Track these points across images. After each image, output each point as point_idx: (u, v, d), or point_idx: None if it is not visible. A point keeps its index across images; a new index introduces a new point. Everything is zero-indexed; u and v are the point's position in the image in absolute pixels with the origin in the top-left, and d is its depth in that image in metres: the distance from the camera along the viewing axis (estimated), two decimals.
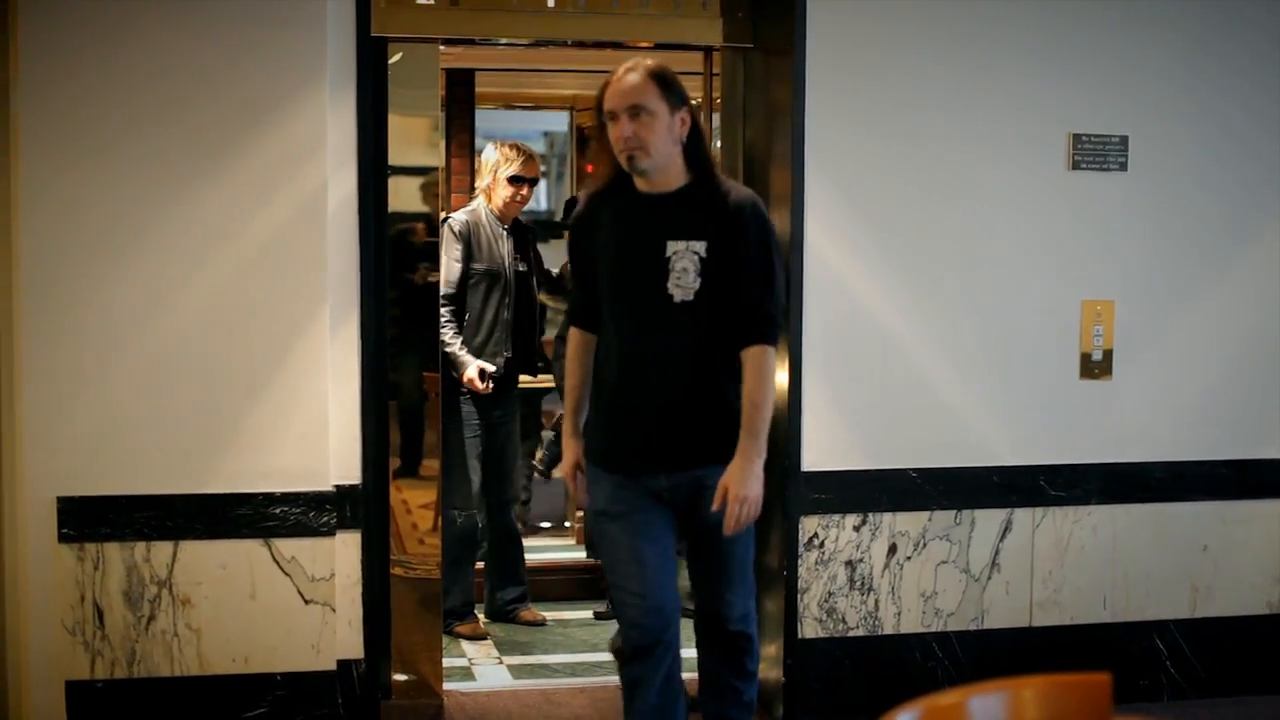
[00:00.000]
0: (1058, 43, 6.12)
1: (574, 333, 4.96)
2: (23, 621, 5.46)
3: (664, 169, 4.65)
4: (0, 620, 5.52)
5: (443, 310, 6.83)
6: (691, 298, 4.60)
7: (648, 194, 4.70)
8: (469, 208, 7.35)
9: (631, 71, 4.65)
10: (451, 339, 7.03)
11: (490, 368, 7.05)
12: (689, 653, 4.89)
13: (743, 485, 4.56)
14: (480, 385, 7.01)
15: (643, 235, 4.68)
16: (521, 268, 7.30)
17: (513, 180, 7.24)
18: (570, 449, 4.91)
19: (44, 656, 5.42)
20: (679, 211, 4.66)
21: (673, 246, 4.62)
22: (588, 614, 7.65)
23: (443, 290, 6.83)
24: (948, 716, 2.90)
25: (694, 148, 4.70)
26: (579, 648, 7.06)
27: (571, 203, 8.86)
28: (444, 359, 6.82)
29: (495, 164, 7.28)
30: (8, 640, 5.53)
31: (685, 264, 4.60)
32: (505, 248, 7.23)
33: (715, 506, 4.58)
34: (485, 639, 7.15)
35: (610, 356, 4.78)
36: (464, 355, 7.05)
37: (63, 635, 5.41)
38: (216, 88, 5.43)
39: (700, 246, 4.60)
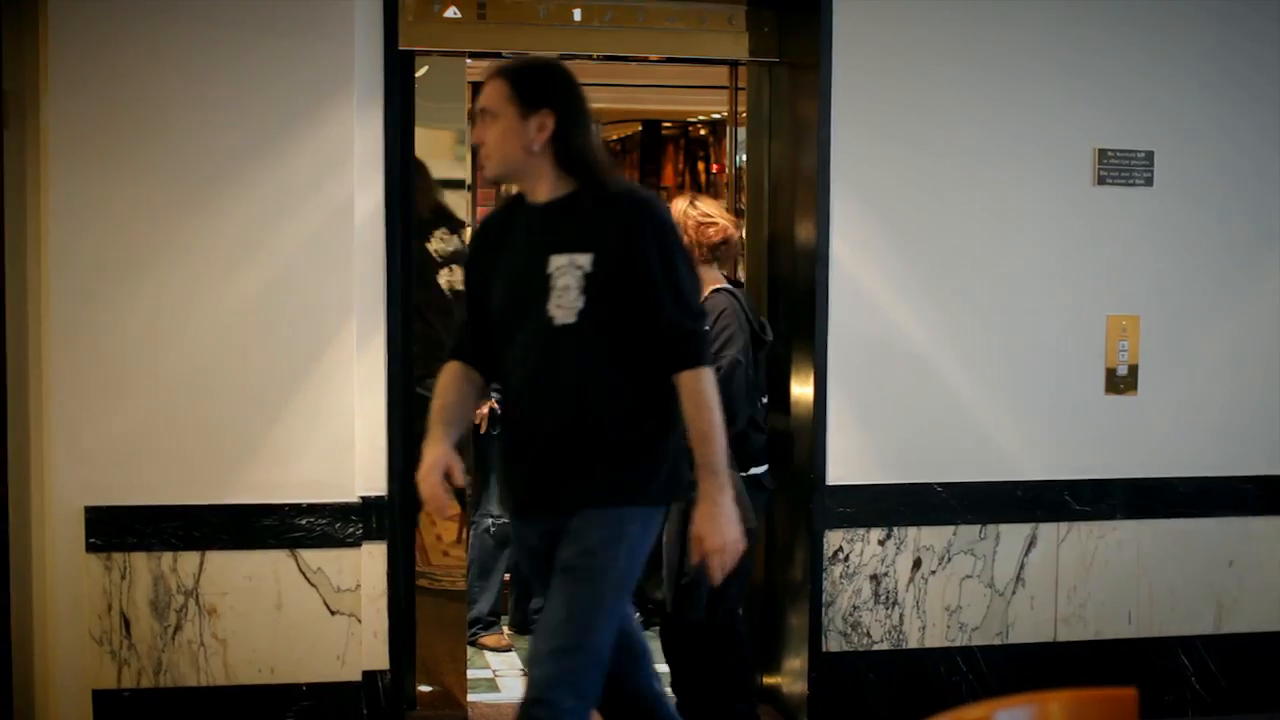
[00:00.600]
0: (1084, 58, 6.12)
1: (445, 367, 4.39)
2: (50, 630, 5.48)
3: (525, 177, 4.18)
4: (28, 629, 5.54)
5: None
6: (574, 319, 4.04)
7: (533, 206, 4.21)
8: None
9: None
10: None
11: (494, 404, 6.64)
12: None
13: (716, 533, 4.04)
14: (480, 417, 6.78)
15: (526, 251, 4.18)
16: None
17: None
18: (433, 450, 4.25)
19: (71, 665, 5.44)
20: (561, 223, 4.13)
21: (555, 262, 4.07)
22: None
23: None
24: None
25: (565, 153, 4.14)
26: None
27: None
28: None
29: None
30: (35, 649, 5.55)
31: (567, 281, 4.05)
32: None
33: (694, 560, 4.15)
34: (509, 650, 7.14)
35: (504, 391, 4.33)
36: None
37: (90, 644, 5.43)
38: (245, 100, 5.46)
39: (584, 260, 4.05)
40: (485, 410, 6.77)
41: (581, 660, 4.00)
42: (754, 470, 5.51)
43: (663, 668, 5.54)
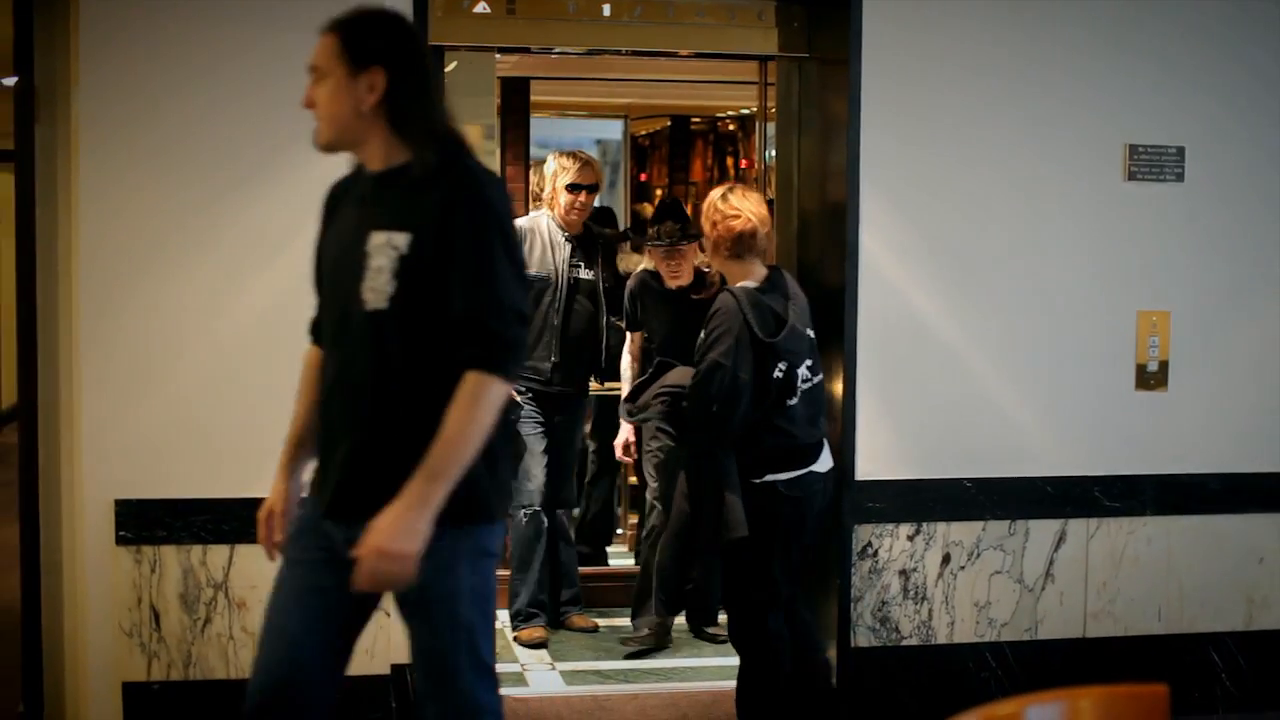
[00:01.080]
0: (1115, 54, 6.10)
1: (306, 356, 4.12)
2: (80, 623, 5.50)
3: (359, 144, 3.78)
4: (58, 622, 5.56)
5: None
6: (385, 305, 3.62)
7: (367, 176, 3.81)
8: (531, 216, 7.36)
9: None
10: None
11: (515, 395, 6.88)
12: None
13: (386, 535, 3.52)
14: None
15: (352, 226, 3.78)
16: (585, 275, 7.24)
17: (570, 188, 7.17)
18: (274, 487, 4.02)
19: (101, 658, 5.46)
20: (386, 196, 3.72)
21: (374, 240, 3.65)
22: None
23: None
24: None
25: (398, 117, 3.71)
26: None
27: None
28: None
29: (554, 173, 7.24)
30: (66, 642, 5.57)
31: (381, 262, 3.63)
32: (560, 255, 7.17)
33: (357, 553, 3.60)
34: (545, 646, 7.12)
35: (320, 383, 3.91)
36: None
37: (120, 637, 5.44)
38: (274, 94, 5.46)
39: (401, 240, 3.62)
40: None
41: (460, 704, 3.77)
42: (769, 476, 5.35)
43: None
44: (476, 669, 3.78)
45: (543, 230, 7.20)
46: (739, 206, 5.46)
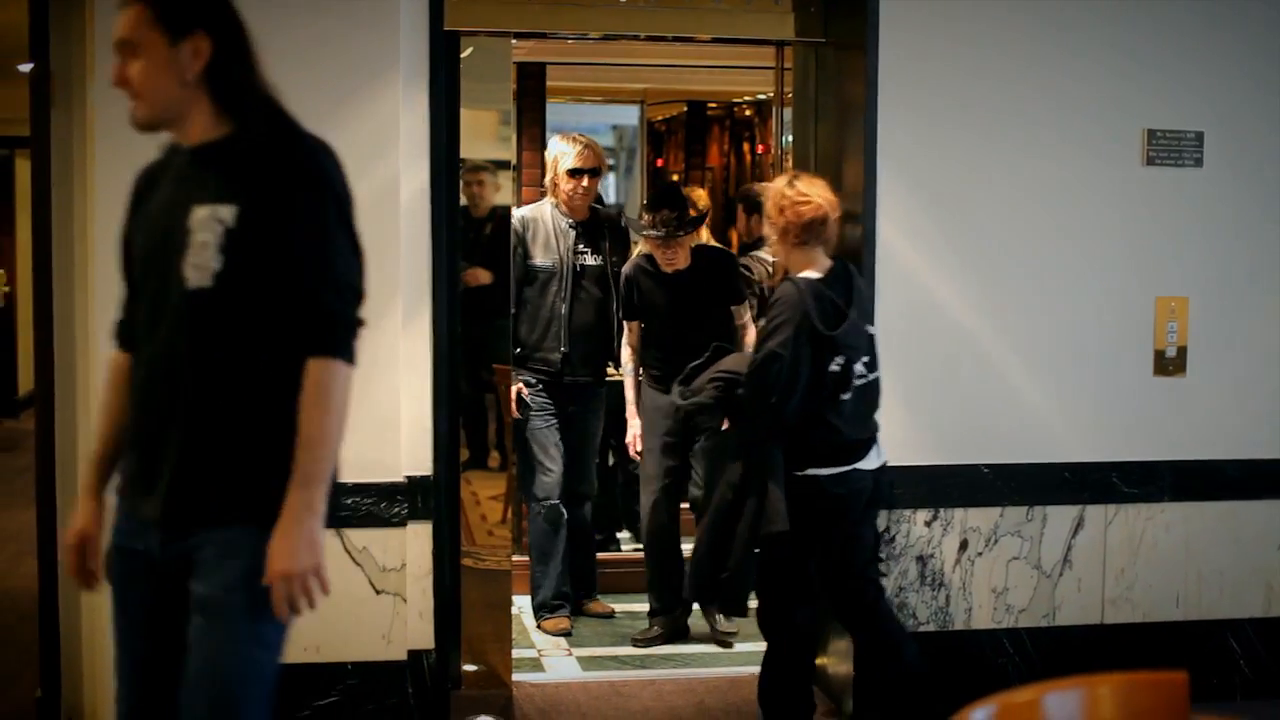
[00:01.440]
0: (1133, 38, 6.08)
1: (110, 358, 3.74)
2: (98, 609, 5.49)
3: (179, 118, 3.50)
4: (76, 607, 5.57)
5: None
6: (210, 283, 3.33)
7: (184, 151, 3.53)
8: (536, 204, 7.31)
9: None
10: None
11: (525, 390, 7.05)
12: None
13: (287, 556, 3.29)
14: (515, 408, 6.90)
15: (169, 203, 3.47)
16: (592, 261, 7.16)
17: (571, 173, 7.12)
18: (81, 511, 3.70)
19: None
20: (211, 169, 3.43)
21: (197, 214, 3.35)
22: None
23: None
24: (1024, 713, 2.88)
25: (223, 85, 3.48)
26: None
27: None
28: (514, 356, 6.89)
29: (554, 158, 7.20)
30: (82, 628, 5.57)
31: (206, 236, 3.34)
32: (566, 243, 7.11)
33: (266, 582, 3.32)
34: (569, 634, 7.11)
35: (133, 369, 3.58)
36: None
37: None
38: (290, 81, 5.39)
39: (228, 213, 3.34)
40: (515, 392, 6.89)
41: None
42: (811, 470, 5.28)
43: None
44: (263, 674, 3.48)
45: (546, 218, 7.15)
46: (808, 192, 5.36)
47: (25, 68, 5.52)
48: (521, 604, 7.20)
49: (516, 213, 7.05)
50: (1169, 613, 6.25)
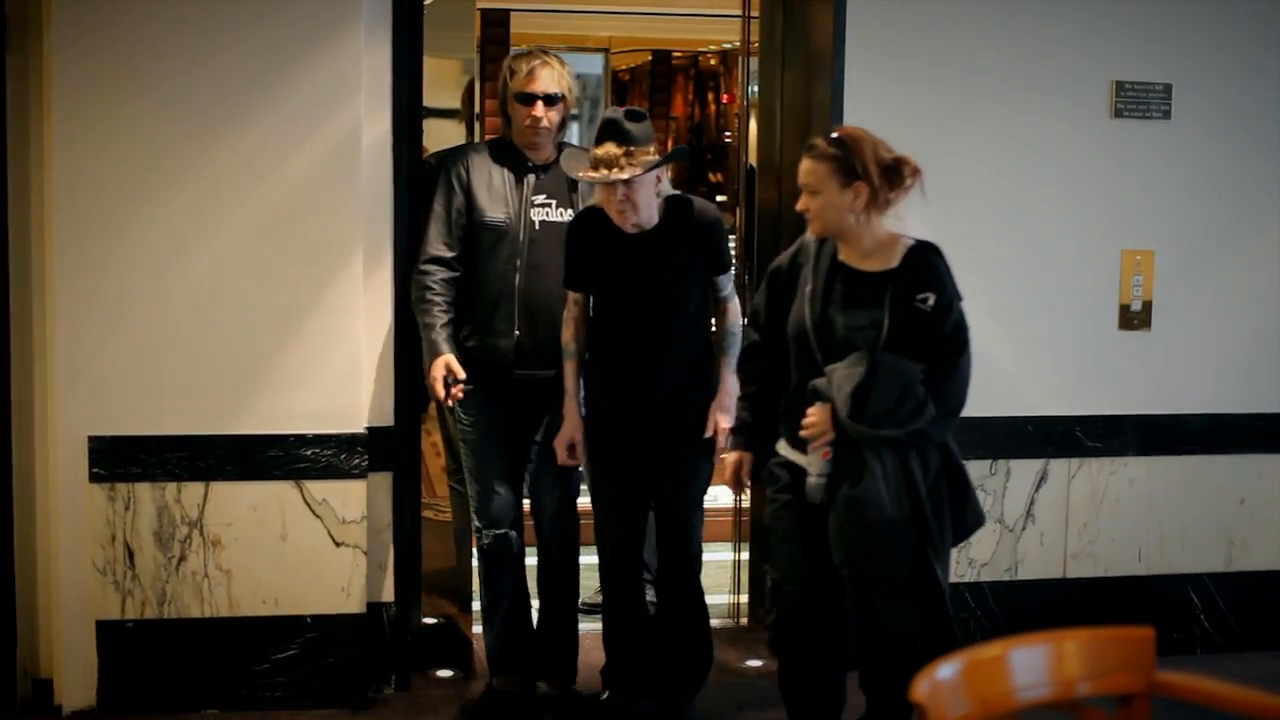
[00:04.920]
0: None
1: None
2: (53, 561, 5.46)
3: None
4: (31, 559, 5.52)
5: (425, 277, 5.44)
6: None
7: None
8: (476, 143, 6.03)
9: None
10: (435, 315, 5.43)
11: (460, 372, 5.40)
12: None
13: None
14: (439, 392, 5.38)
15: None
16: (556, 215, 5.49)
17: (521, 99, 5.51)
18: None
19: (74, 596, 5.42)
20: None
21: None
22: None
23: (429, 250, 5.46)
24: (990, 669, 2.87)
25: None
26: None
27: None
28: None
29: (503, 80, 5.60)
30: (39, 580, 5.53)
31: None
32: (520, 192, 5.50)
33: None
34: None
35: None
36: (438, 339, 5.40)
37: (93, 575, 5.40)
38: (251, 28, 5.39)
39: None
40: (440, 373, 5.36)
41: None
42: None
43: None
44: None
45: (491, 161, 5.54)
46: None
47: None
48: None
49: (441, 152, 5.74)
50: (1131, 567, 6.25)
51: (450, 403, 5.40)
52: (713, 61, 10.48)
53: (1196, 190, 6.20)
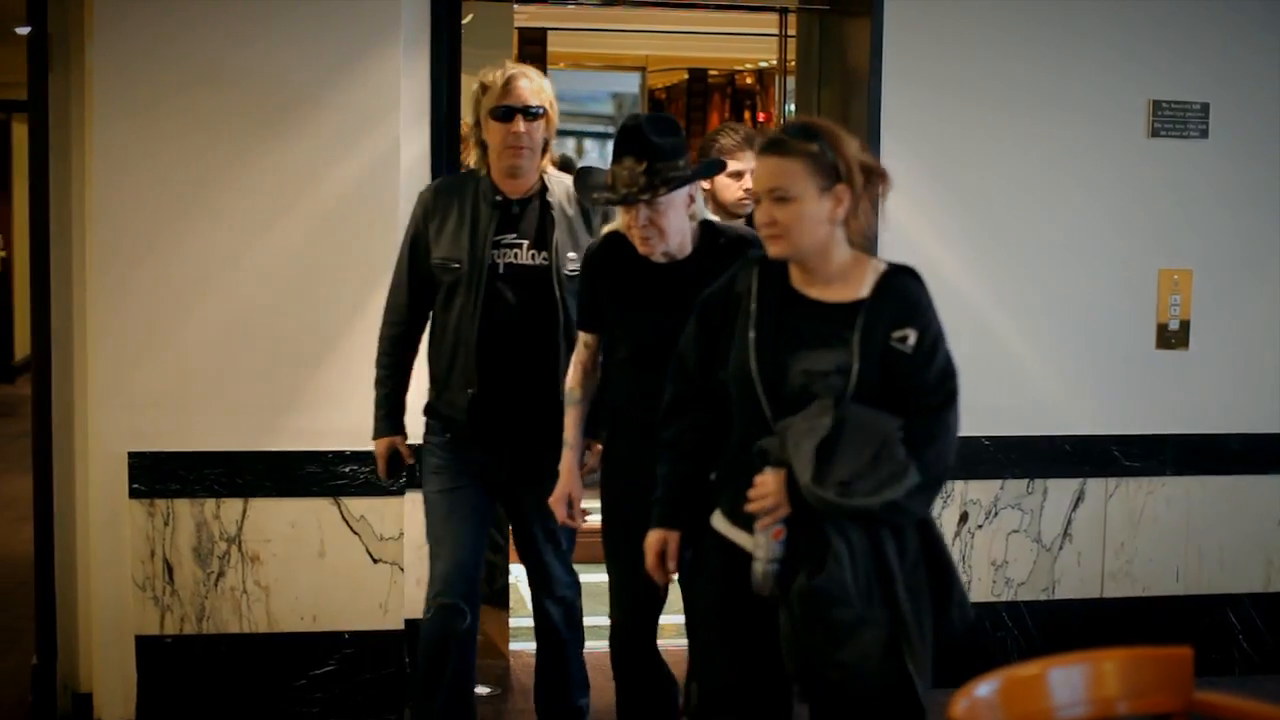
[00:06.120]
0: (1140, 8, 6.03)
1: None
2: (93, 576, 5.48)
3: None
4: (71, 574, 5.55)
5: (383, 325, 4.98)
6: None
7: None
8: (465, 173, 5.08)
9: None
10: (377, 385, 4.96)
11: (406, 457, 4.99)
12: None
13: None
14: (382, 472, 5.00)
15: None
16: (527, 259, 4.76)
17: (498, 114, 4.71)
18: None
19: (114, 611, 5.45)
20: None
21: None
22: None
23: (389, 297, 4.98)
24: (1028, 687, 2.87)
25: None
26: None
27: None
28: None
29: (475, 100, 4.81)
30: (79, 595, 5.56)
31: None
32: (480, 229, 4.76)
33: None
34: None
35: None
36: (378, 415, 4.95)
37: (133, 590, 5.43)
38: (291, 45, 5.42)
39: None
40: (380, 453, 4.97)
41: None
42: None
43: None
44: None
45: (461, 194, 4.85)
46: None
47: (23, 30, 5.48)
48: (518, 573, 7.16)
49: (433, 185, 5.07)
50: (1169, 587, 6.23)
51: (393, 484, 5.11)
52: (749, 80, 10.48)
53: (1235, 209, 6.18)
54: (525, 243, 4.76)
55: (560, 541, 4.95)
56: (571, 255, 4.75)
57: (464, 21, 5.80)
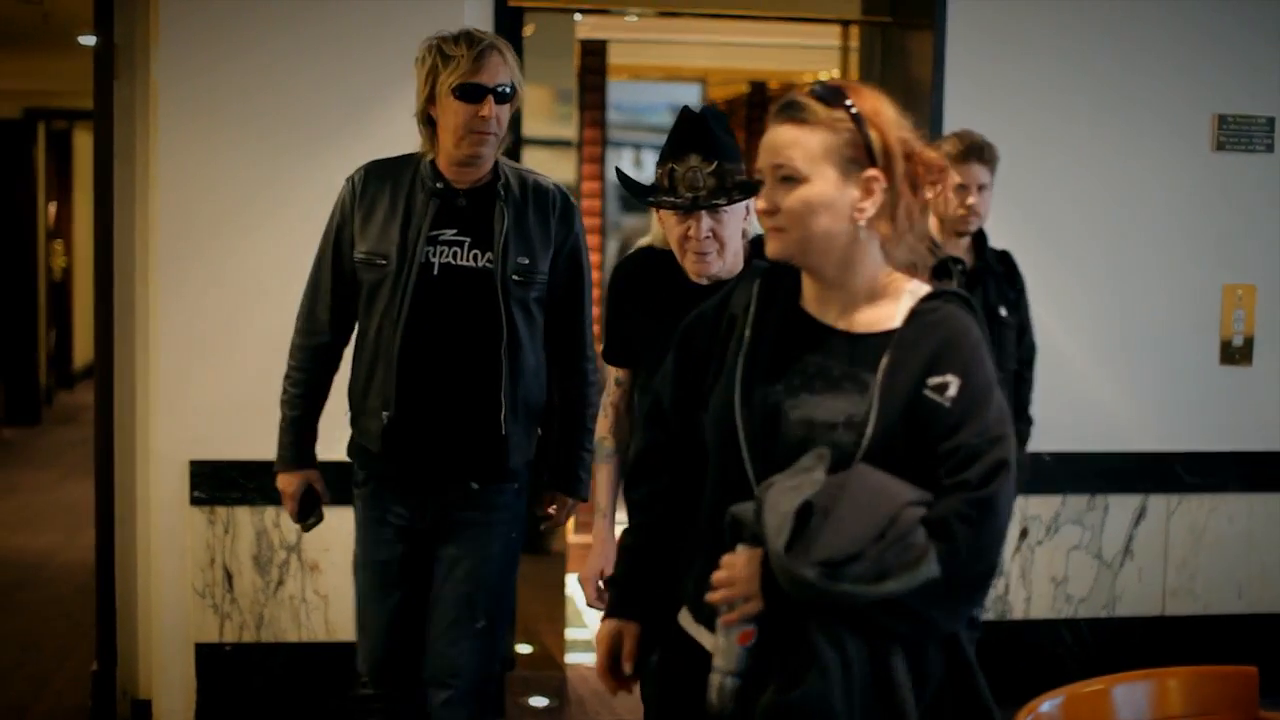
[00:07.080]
0: (1204, 23, 6.01)
1: None
2: (154, 583, 5.51)
3: None
4: (132, 581, 5.58)
5: (295, 335, 4.27)
6: None
7: None
8: (379, 160, 4.19)
9: None
10: (284, 407, 4.29)
11: (318, 488, 4.32)
12: None
13: None
14: (290, 511, 4.32)
15: None
16: (467, 259, 3.97)
17: (464, 93, 3.88)
18: None
19: (174, 618, 5.47)
20: None
21: None
22: None
23: (304, 301, 4.25)
24: (1092, 704, 2.85)
25: None
26: None
27: None
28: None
29: (429, 70, 3.94)
30: (139, 602, 5.58)
31: None
32: (412, 221, 3.98)
33: None
34: None
35: None
36: (284, 444, 4.27)
37: (193, 598, 5.45)
38: (354, 57, 5.44)
39: None
40: (284, 489, 4.33)
41: None
42: None
43: None
44: None
45: (389, 177, 4.07)
46: None
47: (87, 40, 5.52)
48: (572, 584, 7.17)
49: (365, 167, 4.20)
50: (1231, 605, 6.18)
51: (303, 528, 4.33)
52: None
53: None
54: (467, 241, 3.97)
55: (479, 618, 4.04)
56: (524, 260, 3.97)
57: (526, 34, 5.82)
